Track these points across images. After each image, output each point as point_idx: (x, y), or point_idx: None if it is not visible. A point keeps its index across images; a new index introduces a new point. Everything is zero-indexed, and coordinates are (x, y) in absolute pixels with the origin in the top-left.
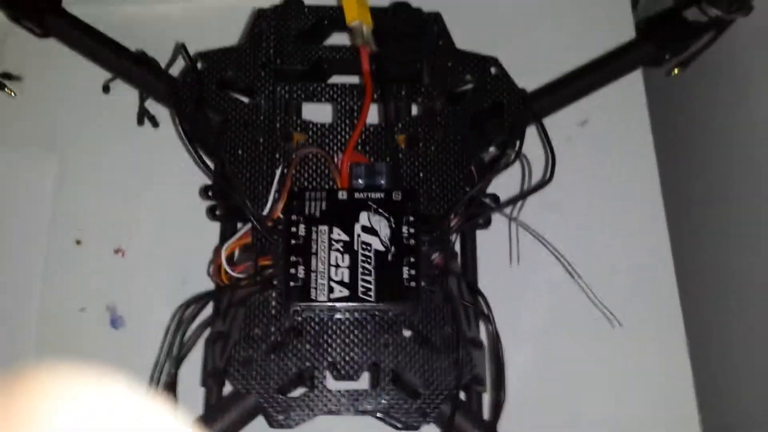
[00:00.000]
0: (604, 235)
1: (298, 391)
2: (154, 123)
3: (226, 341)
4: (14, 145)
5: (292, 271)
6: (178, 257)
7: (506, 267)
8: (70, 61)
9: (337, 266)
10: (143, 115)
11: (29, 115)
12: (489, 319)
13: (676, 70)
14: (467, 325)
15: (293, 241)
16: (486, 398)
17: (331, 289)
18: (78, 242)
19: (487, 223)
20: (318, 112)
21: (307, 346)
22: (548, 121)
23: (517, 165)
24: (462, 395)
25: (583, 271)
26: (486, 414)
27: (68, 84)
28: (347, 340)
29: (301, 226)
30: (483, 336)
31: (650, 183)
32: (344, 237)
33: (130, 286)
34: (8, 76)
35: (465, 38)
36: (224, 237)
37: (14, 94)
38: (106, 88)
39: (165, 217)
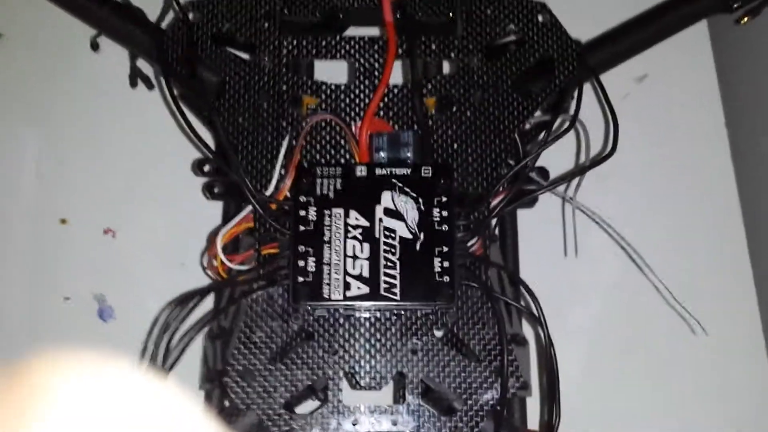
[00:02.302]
0: (666, 214)
1: (309, 406)
2: (149, 85)
3: (228, 339)
4: None
5: (301, 263)
6: (175, 237)
7: (555, 256)
8: (54, 18)
9: (355, 257)
10: (135, 76)
11: (9, 82)
12: (540, 322)
13: (745, 19)
14: (509, 321)
15: (302, 228)
16: (530, 404)
17: (347, 286)
18: (63, 221)
19: (532, 202)
20: (332, 72)
21: (320, 353)
22: (602, 77)
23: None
24: None
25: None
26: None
27: (52, 44)
28: (367, 346)
29: (312, 210)
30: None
31: (719, 146)
32: (363, 222)
33: (121, 271)
34: None
35: None
36: (227, 218)
37: None
38: (94, 46)
39: (161, 192)
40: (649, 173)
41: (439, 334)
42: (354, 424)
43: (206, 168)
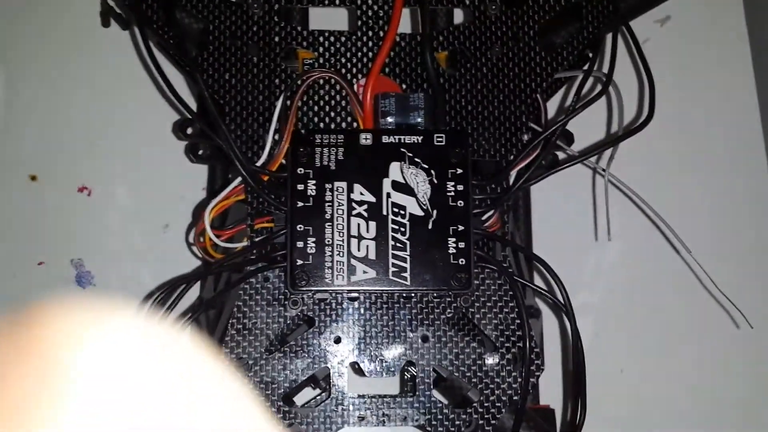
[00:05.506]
0: (697, 183)
1: (308, 396)
2: (123, 24)
3: (219, 311)
4: None
5: (300, 244)
6: (158, 196)
7: (578, 234)
8: None
9: (360, 237)
10: (108, 14)
11: None
12: (567, 312)
13: None
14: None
15: (300, 203)
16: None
17: (351, 269)
18: (33, 178)
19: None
20: (330, 19)
21: (321, 341)
22: None
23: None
24: None
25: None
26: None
27: None
28: (374, 333)
29: (311, 183)
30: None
31: (748, 96)
32: (369, 197)
33: (99, 233)
34: None
35: None
36: (212, 182)
37: None
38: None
39: (141, 146)
40: (670, 128)
41: (449, 317)
42: (361, 419)
43: (189, 130)
